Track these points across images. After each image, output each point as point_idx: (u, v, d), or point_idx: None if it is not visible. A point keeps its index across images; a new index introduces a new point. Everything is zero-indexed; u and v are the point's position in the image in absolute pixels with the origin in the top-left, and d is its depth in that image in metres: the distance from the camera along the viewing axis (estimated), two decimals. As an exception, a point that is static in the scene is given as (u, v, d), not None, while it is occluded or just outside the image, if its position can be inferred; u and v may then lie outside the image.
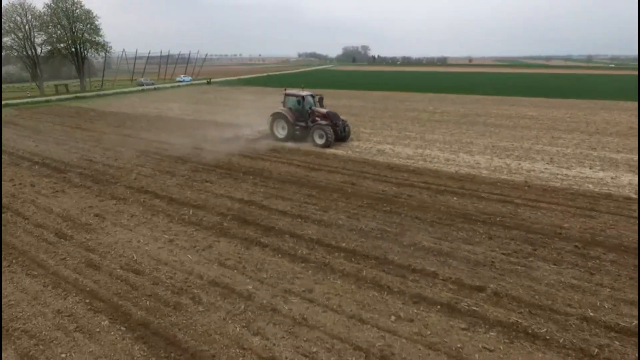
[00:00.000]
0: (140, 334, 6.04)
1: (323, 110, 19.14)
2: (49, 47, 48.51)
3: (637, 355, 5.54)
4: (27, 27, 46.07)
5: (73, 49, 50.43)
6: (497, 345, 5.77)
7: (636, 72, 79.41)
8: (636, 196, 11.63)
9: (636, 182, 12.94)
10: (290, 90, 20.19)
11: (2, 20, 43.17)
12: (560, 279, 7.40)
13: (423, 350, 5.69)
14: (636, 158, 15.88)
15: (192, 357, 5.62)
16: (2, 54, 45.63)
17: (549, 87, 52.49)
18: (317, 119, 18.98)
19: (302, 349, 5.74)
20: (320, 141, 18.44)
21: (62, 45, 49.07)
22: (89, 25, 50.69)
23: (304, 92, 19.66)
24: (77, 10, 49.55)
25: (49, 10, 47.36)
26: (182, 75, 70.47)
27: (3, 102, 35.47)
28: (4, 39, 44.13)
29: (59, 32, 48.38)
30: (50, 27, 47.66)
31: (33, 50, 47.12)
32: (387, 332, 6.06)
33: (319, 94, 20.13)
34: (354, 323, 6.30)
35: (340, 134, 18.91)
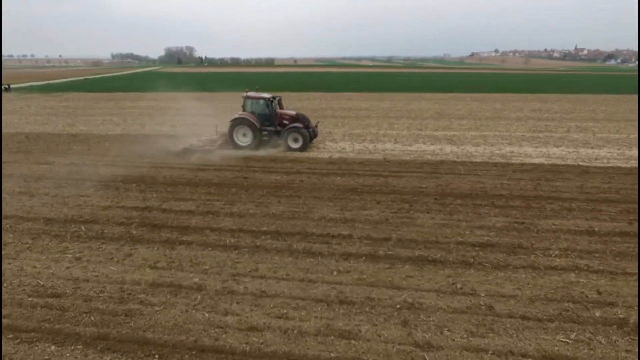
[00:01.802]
0: (104, 346, 5.72)
1: (292, 112, 18.00)
2: None
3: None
4: None
5: None
6: (414, 273, 7.66)
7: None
8: (457, 159, 15.78)
9: (455, 150, 17.41)
10: (252, 93, 18.11)
11: None
12: (434, 222, 9.93)
13: (367, 289, 7.14)
14: (450, 134, 21.06)
15: (173, 348, 5.72)
16: None
17: (366, 83, 61.71)
18: (285, 122, 17.67)
19: (273, 314, 6.47)
20: (295, 145, 17.39)
21: None
22: None
23: (267, 95, 18.06)
24: None
25: None
26: (-40, 81, 55.44)
27: None
28: None
29: None
30: None
31: None
32: (335, 284, 7.29)
33: (277, 96, 18.78)
34: (306, 284, 7.31)
35: (311, 136, 17.93)
